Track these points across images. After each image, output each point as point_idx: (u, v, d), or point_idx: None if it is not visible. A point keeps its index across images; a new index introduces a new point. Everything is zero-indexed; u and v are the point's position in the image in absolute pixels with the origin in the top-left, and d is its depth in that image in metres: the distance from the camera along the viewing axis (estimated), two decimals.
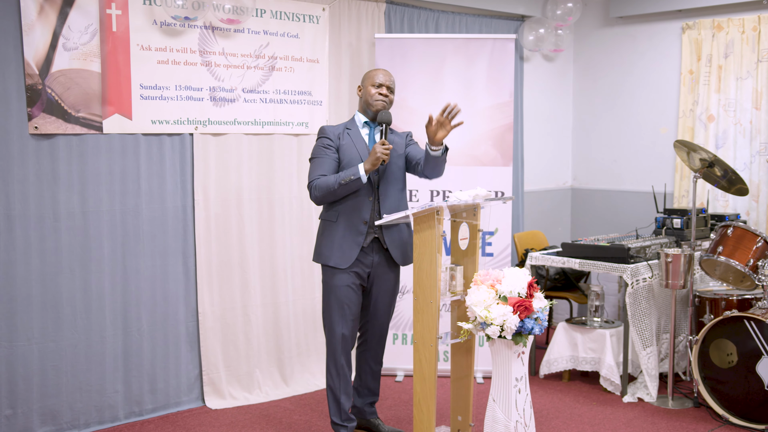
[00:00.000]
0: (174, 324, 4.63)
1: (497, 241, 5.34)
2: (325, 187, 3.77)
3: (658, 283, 4.86)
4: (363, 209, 3.85)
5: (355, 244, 3.85)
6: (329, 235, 3.90)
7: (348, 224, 3.85)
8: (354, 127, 3.98)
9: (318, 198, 3.83)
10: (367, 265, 3.92)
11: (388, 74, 3.99)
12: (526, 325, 3.51)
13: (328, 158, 3.87)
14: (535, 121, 6.60)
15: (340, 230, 3.86)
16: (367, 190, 3.85)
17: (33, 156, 4.07)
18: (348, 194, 3.81)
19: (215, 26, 4.63)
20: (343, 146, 3.89)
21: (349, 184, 3.74)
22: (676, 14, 6.12)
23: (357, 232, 3.85)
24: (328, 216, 3.91)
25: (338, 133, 3.93)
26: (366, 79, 3.99)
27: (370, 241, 3.89)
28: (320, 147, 3.90)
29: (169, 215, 4.57)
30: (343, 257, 3.85)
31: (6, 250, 4.01)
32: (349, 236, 3.85)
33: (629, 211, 6.45)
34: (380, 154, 3.72)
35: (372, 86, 3.94)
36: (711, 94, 5.86)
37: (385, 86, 3.94)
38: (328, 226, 3.91)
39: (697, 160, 4.72)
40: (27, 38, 3.99)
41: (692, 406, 4.67)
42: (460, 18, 5.92)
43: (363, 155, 3.87)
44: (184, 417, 4.57)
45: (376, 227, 3.87)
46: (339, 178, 3.75)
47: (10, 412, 4.07)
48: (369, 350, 4.15)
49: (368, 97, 3.94)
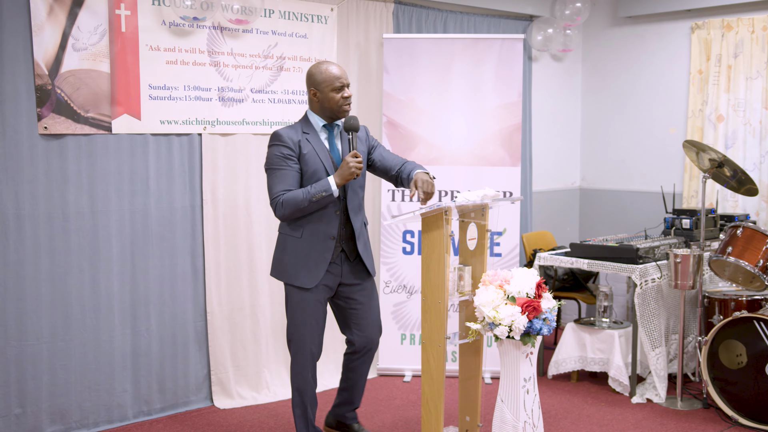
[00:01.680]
0: (182, 324, 4.64)
1: (505, 242, 5.33)
2: (294, 204, 3.50)
3: (667, 284, 4.85)
4: (330, 223, 3.62)
5: (322, 260, 3.63)
6: (293, 251, 3.65)
7: (314, 240, 3.62)
8: (311, 131, 3.65)
9: (285, 215, 3.56)
10: (336, 275, 3.72)
11: (342, 69, 3.63)
12: (535, 325, 3.50)
13: (290, 170, 3.55)
14: (543, 121, 6.59)
15: (305, 247, 3.63)
16: (334, 204, 3.62)
17: (42, 156, 4.08)
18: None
19: (224, 26, 4.63)
20: (305, 155, 3.58)
21: (320, 201, 3.50)
22: (685, 14, 6.10)
23: (324, 248, 3.63)
24: (292, 231, 3.65)
25: (297, 140, 3.59)
26: (321, 83, 3.58)
27: (338, 254, 3.70)
28: (279, 157, 3.56)
29: (177, 215, 4.58)
30: (310, 276, 3.63)
31: (16, 250, 4.03)
32: (316, 253, 3.62)
33: (638, 212, 6.43)
34: (354, 169, 3.48)
35: (332, 91, 3.58)
36: (720, 94, 5.83)
37: (346, 86, 3.61)
38: (292, 242, 3.66)
39: (707, 161, 4.70)
40: (36, 39, 4.00)
41: (701, 407, 4.66)
42: (468, 18, 5.91)
43: (327, 165, 3.61)
44: (193, 417, 4.58)
45: (343, 240, 3.68)
46: (309, 194, 3.48)
47: (19, 411, 4.09)
48: (358, 359, 3.92)
49: (331, 104, 3.60)
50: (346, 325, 3.90)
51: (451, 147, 5.27)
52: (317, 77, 3.60)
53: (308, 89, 3.66)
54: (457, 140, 5.30)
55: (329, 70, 3.58)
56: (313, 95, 3.64)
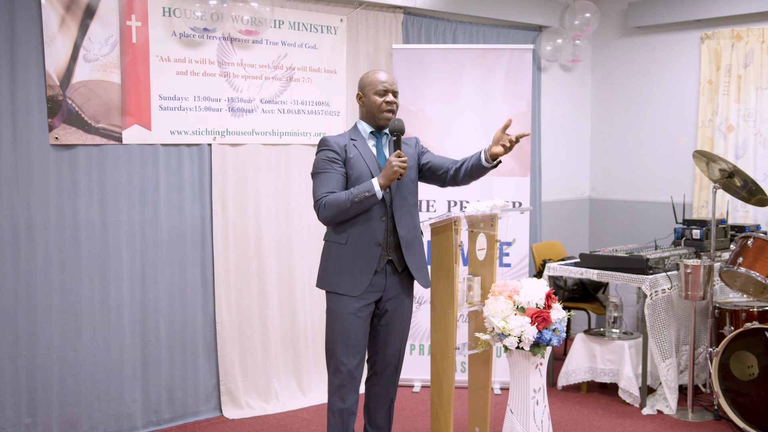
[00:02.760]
0: (192, 333, 4.65)
1: (515, 252, 5.32)
2: (336, 206, 3.35)
3: (678, 295, 4.83)
4: (376, 230, 3.44)
5: (367, 268, 3.44)
6: (338, 258, 3.47)
7: (359, 247, 3.44)
8: (359, 137, 3.55)
9: (328, 218, 3.40)
10: (379, 289, 3.50)
11: (390, 76, 3.56)
12: (544, 336, 3.49)
13: (335, 173, 3.44)
14: (552, 132, 6.58)
15: (349, 253, 3.45)
16: (380, 209, 3.45)
17: (54, 166, 4.11)
18: (359, 213, 3.41)
19: (234, 37, 4.66)
20: (351, 159, 3.46)
21: (363, 202, 3.33)
22: (695, 24, 6.09)
23: (370, 255, 3.44)
24: (337, 238, 3.48)
25: (343, 144, 3.48)
26: (367, 86, 3.53)
27: (384, 264, 3.50)
28: (324, 161, 3.46)
29: (187, 225, 4.59)
30: (355, 284, 3.43)
31: (27, 260, 4.05)
32: (361, 260, 3.44)
33: (648, 222, 6.41)
34: (397, 167, 3.32)
35: (376, 95, 3.50)
36: (730, 104, 5.82)
37: (391, 92, 3.51)
38: (336, 249, 3.48)
39: (717, 171, 4.69)
40: (48, 50, 4.03)
41: (713, 418, 4.63)
42: (477, 28, 5.92)
43: (373, 169, 3.46)
44: (202, 427, 4.58)
45: (390, 249, 3.50)
46: (351, 195, 3.33)
47: (29, 421, 4.10)
48: (379, 384, 3.68)
49: (374, 109, 3.51)
50: (369, 342, 3.67)
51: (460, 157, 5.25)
52: (364, 80, 3.56)
53: (356, 94, 3.60)
54: (466, 150, 5.25)
55: (376, 74, 3.54)
56: (359, 99, 3.58)
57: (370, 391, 3.71)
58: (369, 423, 3.72)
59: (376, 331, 3.61)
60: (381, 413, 3.72)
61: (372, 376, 3.68)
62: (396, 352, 3.65)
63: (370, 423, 3.72)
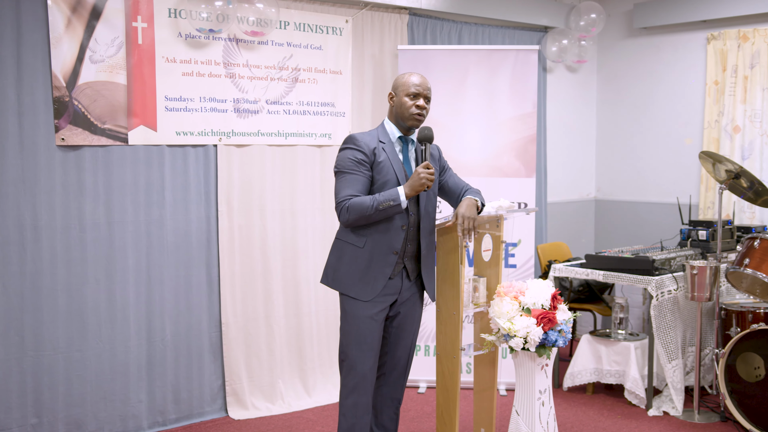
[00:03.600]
0: (197, 334, 4.65)
1: (520, 253, 5.32)
2: (360, 210, 3.28)
3: (684, 296, 4.82)
4: (394, 238, 3.39)
5: (382, 275, 3.40)
6: (352, 261, 3.42)
7: (376, 253, 3.39)
8: (387, 141, 3.45)
9: (350, 221, 3.32)
10: (395, 292, 3.47)
11: (424, 80, 3.46)
12: (550, 337, 3.49)
13: (361, 176, 3.35)
14: (558, 132, 6.58)
15: (365, 258, 3.40)
16: (401, 218, 3.40)
17: (60, 167, 4.12)
18: (380, 220, 3.37)
19: (239, 38, 4.66)
20: (380, 164, 3.38)
21: (386, 210, 3.28)
22: (700, 25, 6.08)
23: (385, 262, 3.40)
24: (355, 240, 3.41)
25: (373, 147, 3.39)
26: (399, 87, 3.44)
27: (399, 270, 3.47)
28: (351, 161, 3.36)
29: (193, 226, 4.60)
30: (367, 289, 3.40)
31: (33, 261, 4.06)
32: (376, 267, 3.40)
33: (654, 223, 6.40)
34: (425, 180, 3.27)
35: (407, 96, 3.41)
36: (737, 105, 5.81)
37: (422, 96, 3.42)
38: (351, 251, 3.42)
39: (723, 172, 4.67)
40: (54, 51, 4.04)
41: (719, 420, 4.61)
42: (483, 29, 5.92)
43: (400, 176, 3.40)
44: (207, 427, 4.59)
45: (405, 257, 3.46)
46: (376, 202, 3.27)
47: (36, 421, 4.11)
48: (386, 385, 3.65)
49: (402, 109, 3.42)
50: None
51: (465, 158, 5.27)
52: (398, 81, 3.48)
53: (389, 96, 3.51)
54: (471, 151, 5.30)
55: (410, 76, 3.45)
56: (390, 98, 3.49)
57: (377, 391, 3.67)
58: (375, 424, 3.70)
59: (387, 333, 3.57)
60: (388, 414, 3.69)
61: (380, 376, 3.64)
62: (405, 354, 3.63)
63: (376, 424, 3.70)
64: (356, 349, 3.42)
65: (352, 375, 3.45)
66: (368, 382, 3.47)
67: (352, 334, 3.43)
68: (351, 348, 3.44)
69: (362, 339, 3.42)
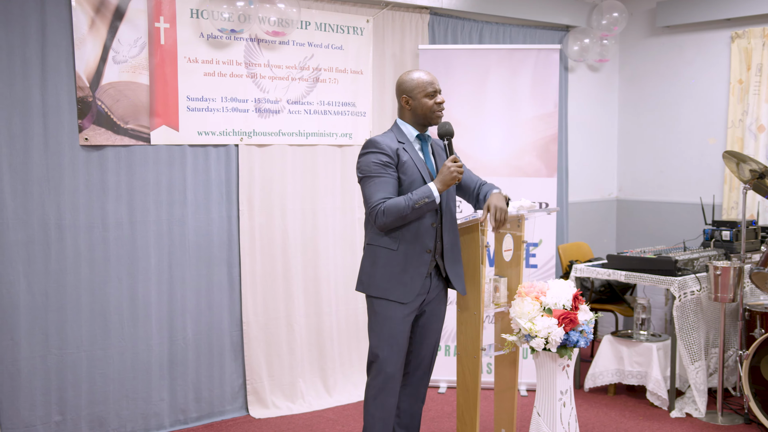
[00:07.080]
0: (218, 333, 4.68)
1: (541, 253, 5.30)
2: (396, 212, 3.27)
3: (707, 297, 4.78)
4: (426, 237, 3.40)
5: (418, 275, 3.39)
6: (387, 264, 3.40)
7: (411, 253, 3.38)
8: (406, 141, 3.46)
9: (386, 224, 3.30)
10: (424, 293, 3.47)
11: (433, 76, 3.50)
12: (571, 337, 3.47)
13: (390, 177, 3.35)
14: (579, 132, 6.54)
15: (401, 260, 3.38)
16: (431, 216, 3.41)
17: (83, 167, 4.15)
18: (413, 220, 3.37)
19: (261, 38, 4.68)
20: (404, 164, 3.38)
21: (422, 208, 3.28)
22: (724, 23, 6.02)
23: (421, 261, 3.40)
24: (389, 243, 3.39)
25: (395, 148, 3.39)
26: (414, 89, 3.44)
27: (432, 268, 3.47)
28: (377, 164, 3.35)
29: (214, 225, 4.62)
30: (406, 291, 3.38)
31: (57, 259, 4.10)
32: (412, 267, 3.39)
33: (676, 223, 6.35)
34: (455, 173, 3.30)
35: (427, 97, 3.43)
36: (761, 104, 5.75)
37: (438, 91, 3.46)
38: (386, 255, 3.40)
39: (747, 171, 4.63)
40: (78, 52, 4.08)
41: (743, 422, 4.57)
42: (504, 29, 5.90)
43: (425, 174, 3.42)
44: (228, 426, 4.61)
45: (437, 255, 3.46)
46: (411, 201, 3.27)
47: (59, 419, 4.15)
48: (410, 385, 3.65)
49: (424, 111, 3.44)
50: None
51: (487, 158, 5.26)
52: (409, 84, 3.46)
53: (399, 98, 3.49)
54: (493, 151, 5.29)
55: (421, 77, 3.45)
56: (405, 103, 3.47)
57: (400, 390, 3.65)
58: (398, 424, 3.69)
59: (413, 332, 3.56)
60: (410, 413, 3.68)
61: (404, 375, 3.63)
62: (429, 353, 3.62)
63: (399, 423, 3.69)
64: (388, 351, 3.41)
65: (381, 376, 3.44)
66: (396, 383, 3.46)
67: (384, 336, 3.42)
68: (383, 349, 3.42)
69: (394, 340, 3.41)
